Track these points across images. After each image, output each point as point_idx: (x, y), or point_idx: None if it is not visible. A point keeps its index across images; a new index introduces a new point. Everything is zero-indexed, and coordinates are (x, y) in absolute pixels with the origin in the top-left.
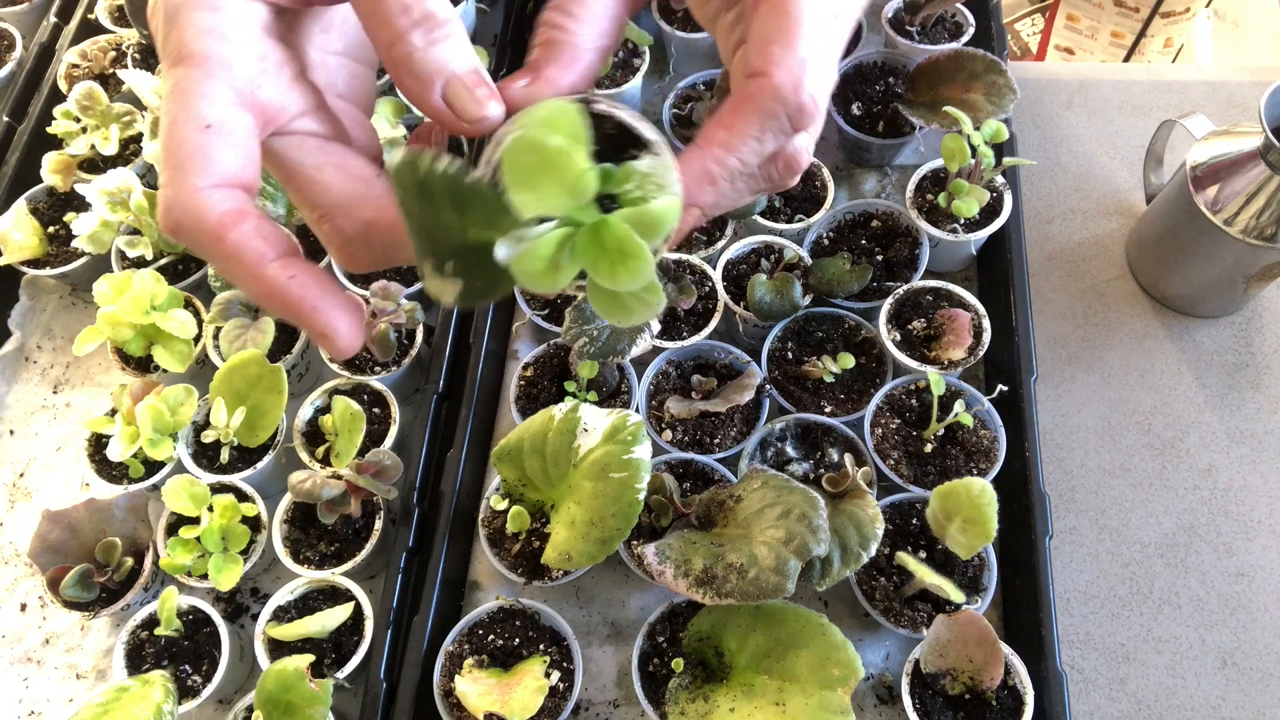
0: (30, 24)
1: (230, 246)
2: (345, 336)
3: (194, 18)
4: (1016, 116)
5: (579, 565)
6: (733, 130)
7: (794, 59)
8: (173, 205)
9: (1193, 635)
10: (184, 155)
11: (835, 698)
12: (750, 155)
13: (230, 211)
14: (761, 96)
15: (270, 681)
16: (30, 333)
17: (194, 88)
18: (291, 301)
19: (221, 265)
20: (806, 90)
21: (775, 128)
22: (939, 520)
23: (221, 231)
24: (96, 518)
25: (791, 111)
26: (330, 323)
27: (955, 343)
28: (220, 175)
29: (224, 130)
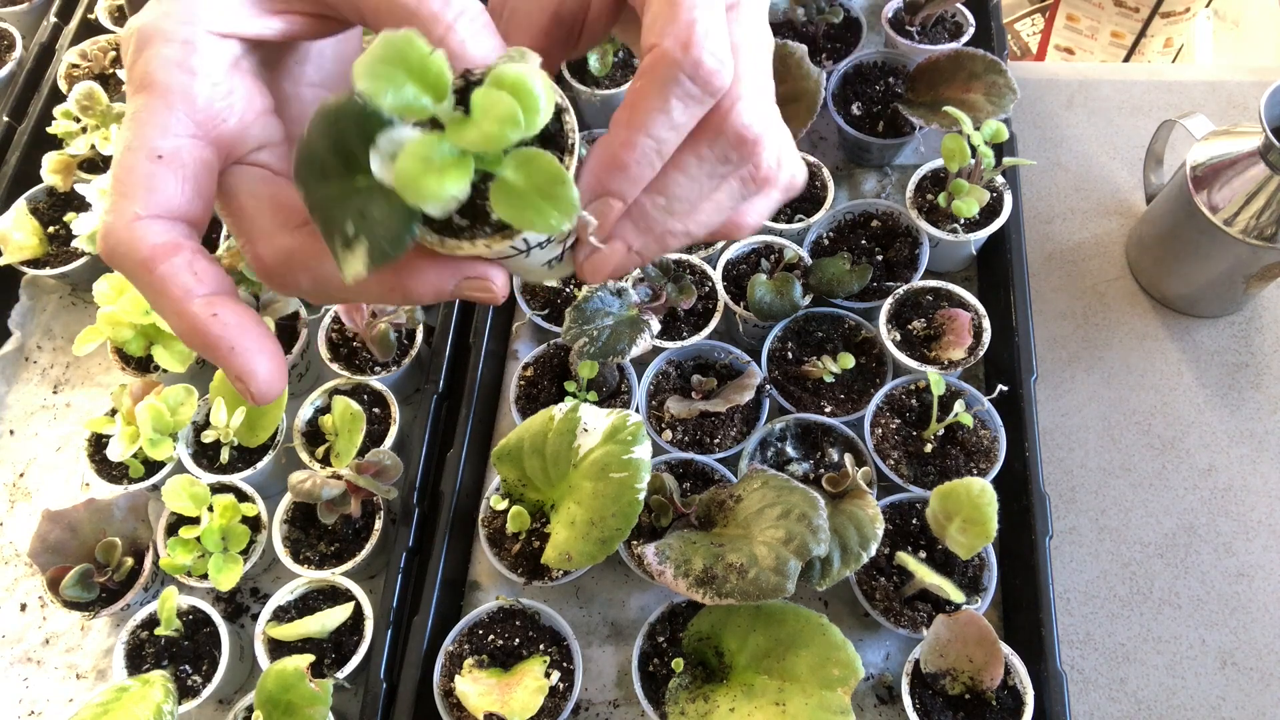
0: (30, 24)
1: (158, 279)
2: (262, 380)
3: (162, 49)
4: (1016, 116)
5: (579, 565)
6: (635, 106)
7: (679, 23)
8: (109, 232)
9: (1193, 635)
10: (130, 183)
11: (835, 698)
12: (661, 129)
13: (165, 244)
14: (654, 65)
15: (270, 681)
16: (30, 333)
17: (151, 117)
18: (210, 340)
19: (149, 297)
20: (697, 45)
21: (679, 93)
22: (939, 520)
23: (152, 263)
24: (96, 518)
25: (689, 71)
26: (247, 364)
27: (955, 343)
28: (163, 206)
29: (175, 161)
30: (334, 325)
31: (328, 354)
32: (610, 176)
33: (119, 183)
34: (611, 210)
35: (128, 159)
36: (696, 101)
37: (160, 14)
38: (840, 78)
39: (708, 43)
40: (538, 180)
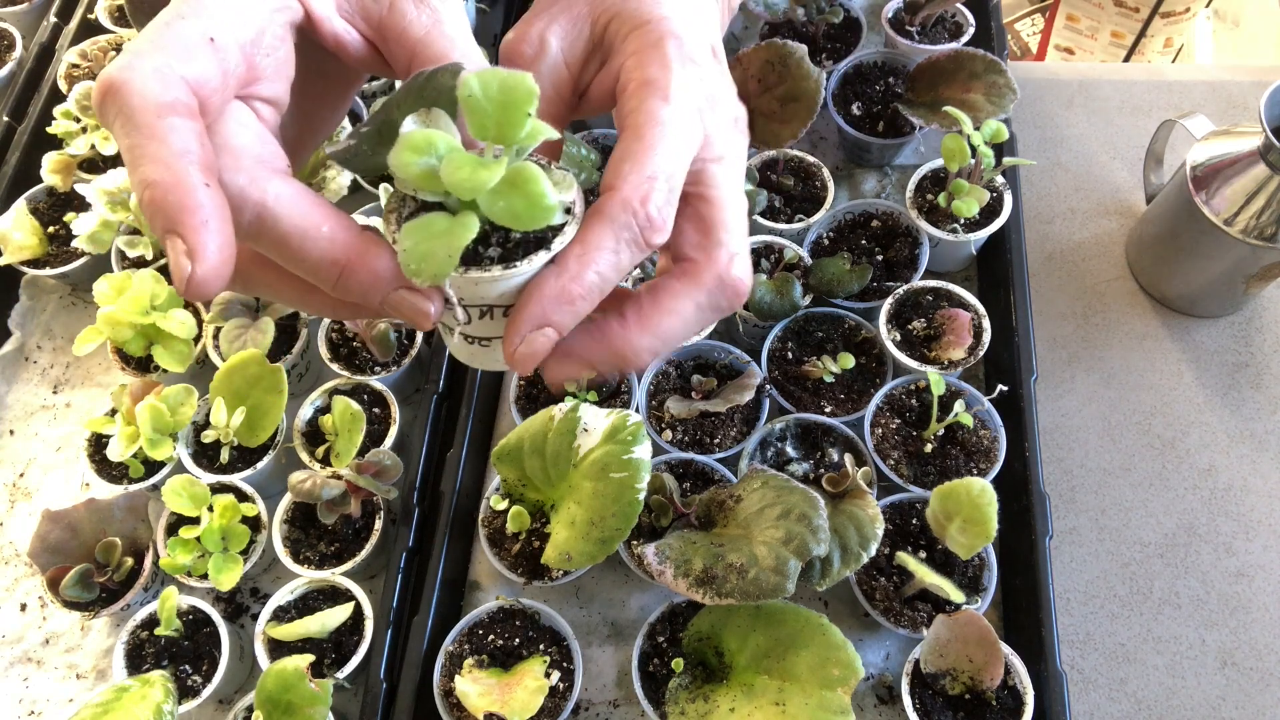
0: (30, 24)
1: (163, 126)
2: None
3: None
4: (1016, 116)
5: (579, 565)
6: (586, 245)
7: (641, 176)
8: (127, 67)
9: (1193, 635)
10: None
11: (835, 698)
12: (608, 267)
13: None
14: (611, 208)
15: (270, 681)
16: (30, 333)
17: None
18: (190, 202)
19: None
20: (653, 203)
21: (629, 238)
22: (939, 520)
23: (165, 110)
24: (96, 518)
25: (641, 223)
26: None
27: (955, 343)
28: (196, 76)
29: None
30: (334, 325)
31: (328, 354)
32: (556, 309)
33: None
34: (546, 342)
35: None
36: (640, 250)
37: None
38: (840, 78)
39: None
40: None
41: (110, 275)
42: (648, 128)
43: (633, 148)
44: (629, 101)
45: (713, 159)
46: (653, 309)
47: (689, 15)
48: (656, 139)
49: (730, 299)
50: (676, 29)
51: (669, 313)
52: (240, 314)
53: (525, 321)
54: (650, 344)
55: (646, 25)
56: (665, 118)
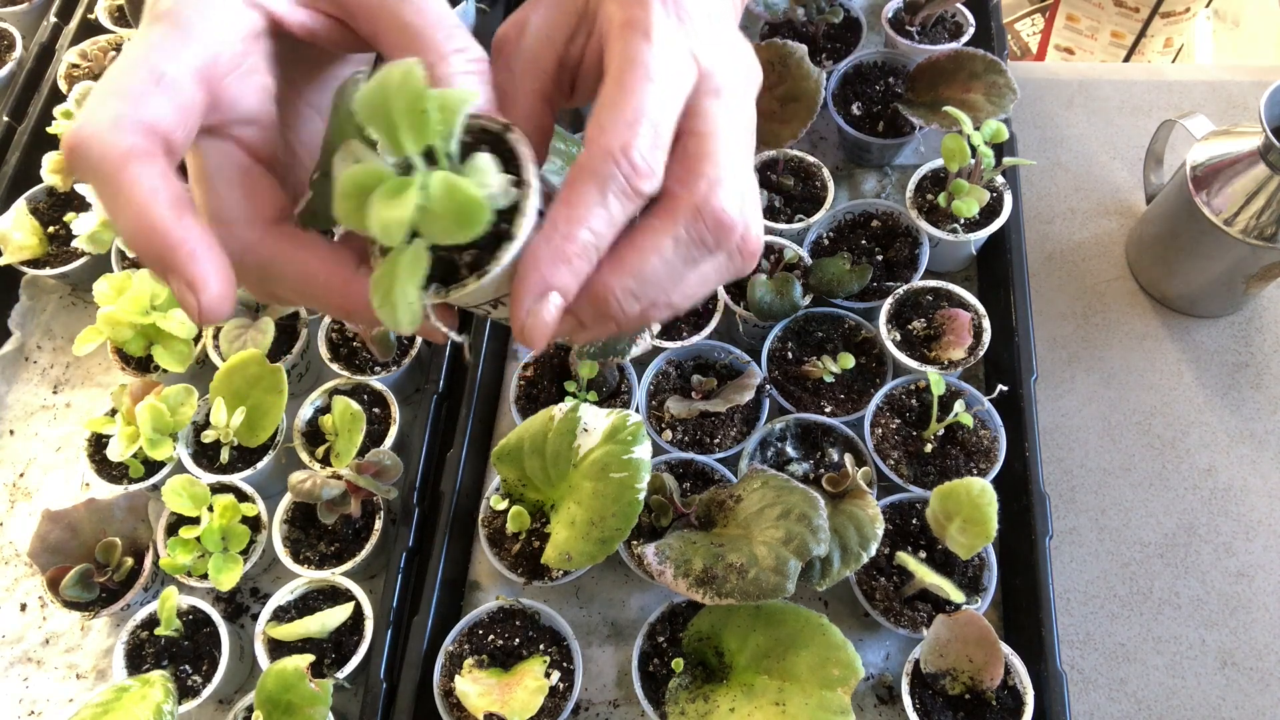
0: (30, 24)
1: (129, 176)
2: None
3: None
4: (1016, 116)
5: (579, 565)
6: (573, 203)
7: (621, 123)
8: (86, 124)
9: (1193, 635)
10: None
11: (835, 698)
12: (600, 222)
13: (145, 148)
14: (592, 161)
15: (270, 681)
16: (30, 333)
17: (163, 43)
18: (171, 241)
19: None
20: (637, 150)
21: (617, 189)
22: (939, 520)
23: (125, 161)
24: (96, 518)
25: (625, 171)
26: (201, 273)
27: (955, 343)
28: (151, 117)
29: (174, 87)
30: (334, 325)
31: (328, 354)
32: (554, 271)
33: (111, 85)
34: (554, 308)
35: (128, 71)
36: (630, 199)
37: None
38: (840, 78)
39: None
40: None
41: (110, 275)
42: (627, 71)
43: (611, 94)
44: (609, 48)
45: (710, 93)
46: (628, 248)
47: None
48: (637, 81)
49: (714, 232)
50: None
51: (644, 249)
52: (240, 314)
53: (526, 293)
54: (628, 284)
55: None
56: (647, 58)
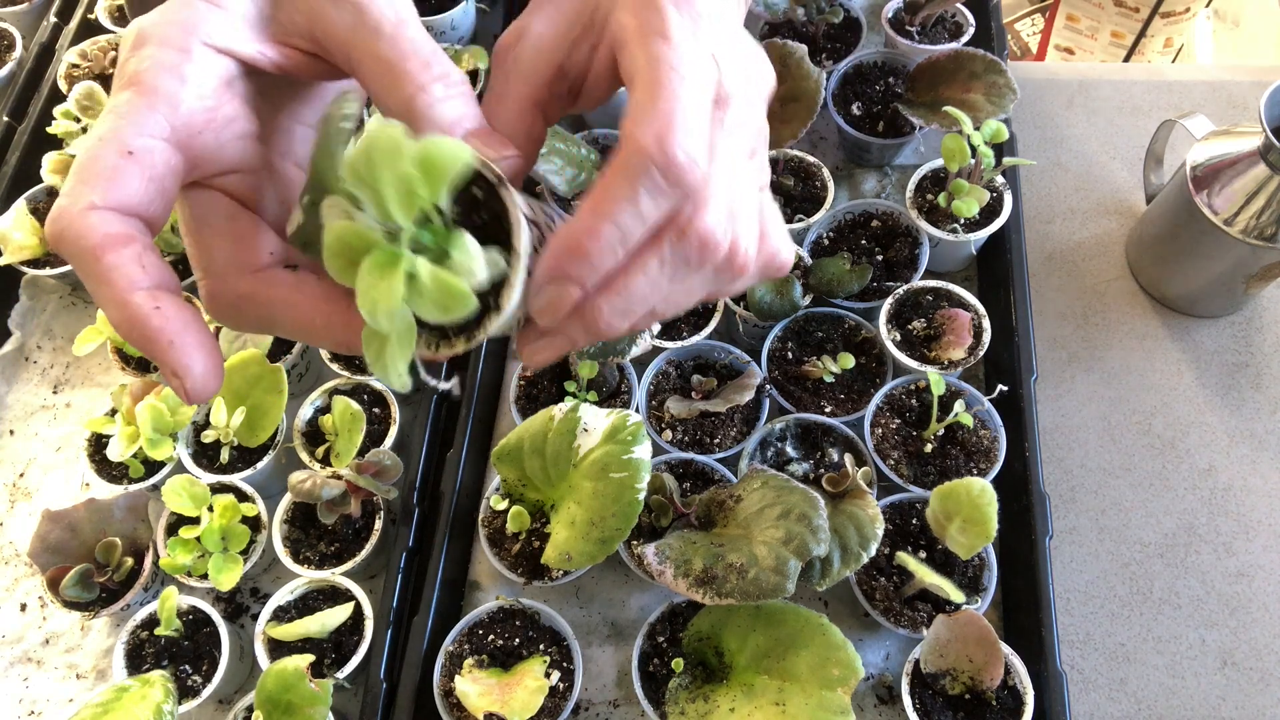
0: (30, 24)
1: (103, 267)
2: (197, 377)
3: (157, 52)
4: (1016, 116)
5: (579, 565)
6: (603, 194)
7: (658, 116)
8: (60, 215)
9: (1193, 635)
10: (92, 172)
11: (835, 698)
12: (627, 216)
13: (117, 234)
14: (627, 155)
15: (270, 681)
16: (30, 333)
17: (131, 113)
18: (149, 332)
19: (91, 286)
20: (673, 140)
21: (648, 185)
22: (939, 520)
23: (100, 251)
24: (96, 518)
25: (661, 165)
26: (183, 360)
27: (955, 343)
28: (121, 200)
29: (144, 160)
30: None
31: (328, 354)
32: (571, 262)
33: (82, 170)
34: (567, 296)
35: (96, 149)
36: (665, 195)
37: (162, 19)
38: (840, 78)
39: (683, 138)
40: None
41: None
42: (652, 69)
43: (640, 94)
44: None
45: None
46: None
47: None
48: (662, 80)
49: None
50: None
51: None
52: None
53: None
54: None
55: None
56: (673, 58)
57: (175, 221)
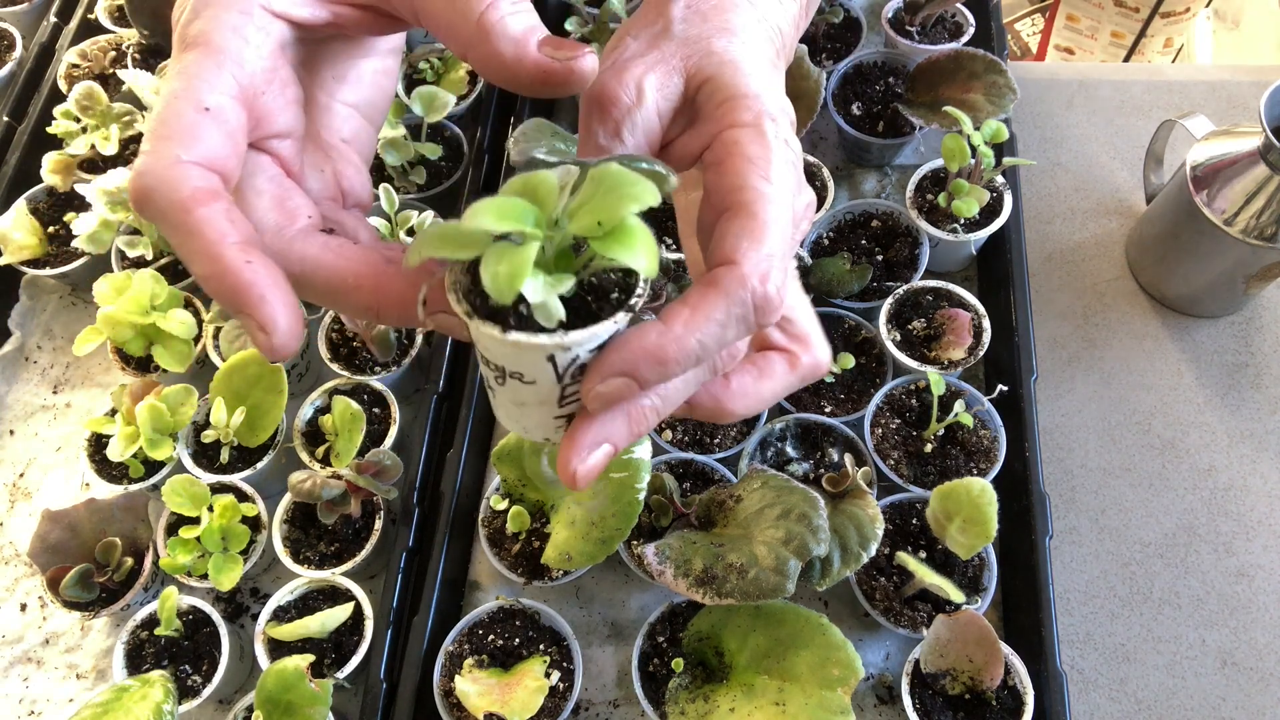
0: (30, 24)
1: (195, 220)
2: (283, 332)
3: (220, 13)
4: (1016, 116)
5: (579, 565)
6: (697, 310)
7: (762, 255)
8: (147, 171)
9: (1193, 635)
10: (174, 128)
11: (835, 698)
12: (711, 339)
13: (206, 189)
14: (729, 282)
15: (270, 681)
16: (30, 333)
17: (201, 72)
18: (241, 285)
19: (180, 240)
20: (773, 282)
21: (740, 315)
22: (939, 520)
23: (192, 204)
24: (96, 518)
25: (759, 301)
26: (272, 315)
27: (955, 343)
28: (205, 154)
29: (220, 116)
30: (334, 325)
31: (328, 354)
32: (646, 364)
33: (162, 126)
34: (627, 394)
35: (174, 106)
36: (748, 329)
37: None
38: (840, 78)
39: (778, 278)
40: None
41: (110, 275)
42: (760, 205)
43: (748, 225)
44: (731, 177)
45: None
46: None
47: (778, 93)
48: (770, 219)
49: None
50: (770, 108)
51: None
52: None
53: (615, 364)
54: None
55: (743, 99)
56: (773, 197)
57: None
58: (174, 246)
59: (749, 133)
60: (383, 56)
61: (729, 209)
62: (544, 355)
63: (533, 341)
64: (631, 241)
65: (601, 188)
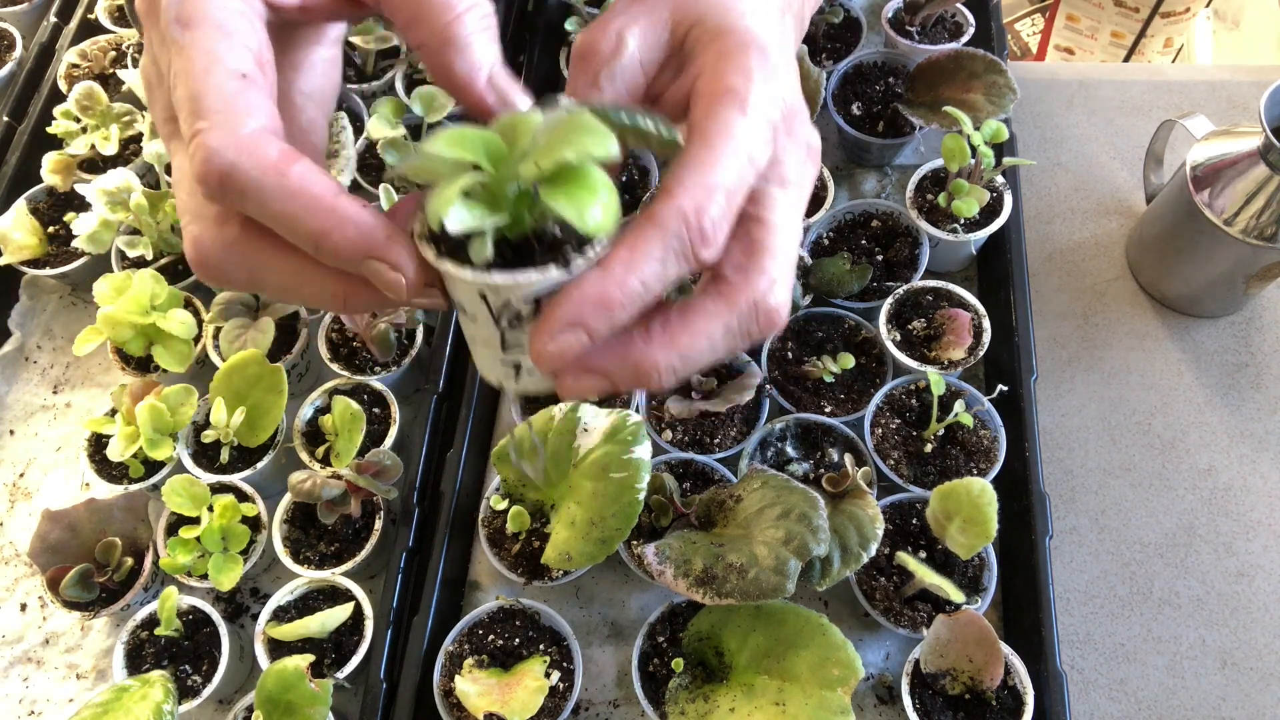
0: (30, 24)
1: (295, 179)
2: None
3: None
4: (1016, 116)
5: (579, 565)
6: (634, 249)
7: (701, 186)
8: (224, 147)
9: (1193, 635)
10: (225, 99)
11: (835, 698)
12: (653, 278)
13: (286, 150)
14: (664, 215)
15: (270, 681)
16: (30, 333)
17: (218, 44)
18: (365, 229)
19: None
20: (709, 216)
21: (676, 249)
22: (939, 520)
23: (285, 165)
24: (96, 518)
25: (693, 235)
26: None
27: (955, 343)
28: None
29: (257, 82)
30: (334, 325)
31: (328, 354)
32: (593, 311)
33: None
34: (579, 344)
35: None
36: (686, 263)
37: None
38: (840, 78)
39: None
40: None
41: (110, 275)
42: (718, 137)
43: (699, 155)
44: (703, 107)
45: (777, 181)
46: (680, 327)
47: (772, 27)
48: (724, 150)
49: (763, 327)
50: (761, 39)
51: (697, 333)
52: (240, 314)
53: (559, 319)
54: (673, 362)
55: (730, 34)
56: (738, 130)
57: (175, 221)
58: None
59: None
60: (330, 46)
61: (690, 138)
62: (476, 291)
63: (458, 274)
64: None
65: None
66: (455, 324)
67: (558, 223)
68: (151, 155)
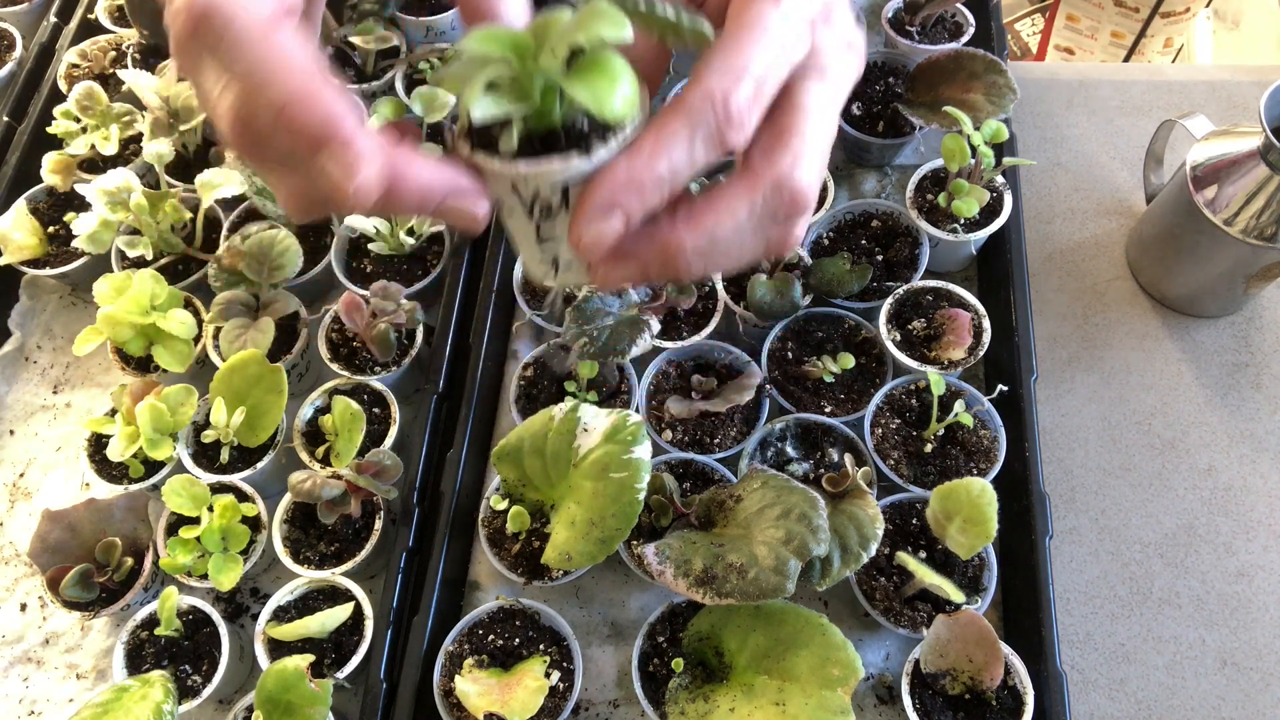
0: (30, 24)
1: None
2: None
3: None
4: (1016, 116)
5: (579, 565)
6: (661, 132)
7: (731, 69)
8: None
9: (1193, 635)
10: None
11: (835, 698)
12: (681, 162)
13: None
14: (691, 99)
15: (270, 681)
16: (30, 333)
17: None
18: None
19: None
20: (736, 99)
21: (704, 134)
22: (939, 520)
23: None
24: (96, 518)
25: (719, 118)
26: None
27: (955, 343)
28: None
29: None
30: (334, 325)
31: (328, 354)
32: (625, 193)
33: None
34: (615, 228)
35: None
36: (715, 147)
37: None
38: None
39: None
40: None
41: (110, 275)
42: (749, 28)
43: (729, 44)
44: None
45: (815, 72)
46: (705, 206)
47: None
48: (755, 39)
49: (789, 208)
50: None
51: (721, 211)
52: (240, 314)
53: (594, 205)
54: (699, 243)
55: None
56: (771, 21)
57: (175, 220)
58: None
59: None
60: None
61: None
62: (508, 183)
63: (487, 165)
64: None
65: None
66: (455, 324)
67: (585, 115)
68: (151, 155)
